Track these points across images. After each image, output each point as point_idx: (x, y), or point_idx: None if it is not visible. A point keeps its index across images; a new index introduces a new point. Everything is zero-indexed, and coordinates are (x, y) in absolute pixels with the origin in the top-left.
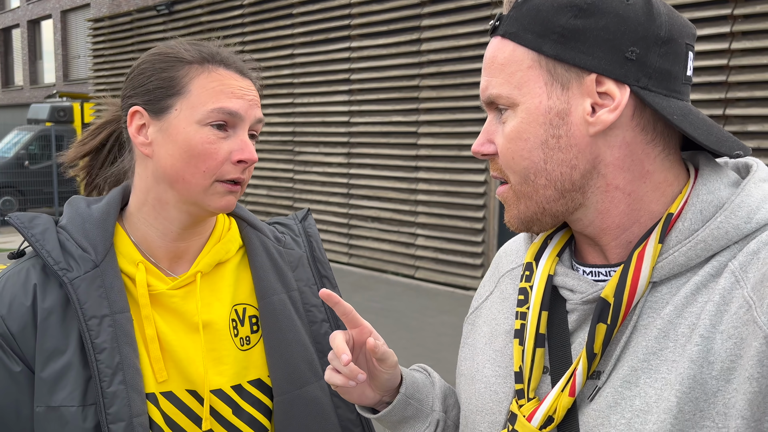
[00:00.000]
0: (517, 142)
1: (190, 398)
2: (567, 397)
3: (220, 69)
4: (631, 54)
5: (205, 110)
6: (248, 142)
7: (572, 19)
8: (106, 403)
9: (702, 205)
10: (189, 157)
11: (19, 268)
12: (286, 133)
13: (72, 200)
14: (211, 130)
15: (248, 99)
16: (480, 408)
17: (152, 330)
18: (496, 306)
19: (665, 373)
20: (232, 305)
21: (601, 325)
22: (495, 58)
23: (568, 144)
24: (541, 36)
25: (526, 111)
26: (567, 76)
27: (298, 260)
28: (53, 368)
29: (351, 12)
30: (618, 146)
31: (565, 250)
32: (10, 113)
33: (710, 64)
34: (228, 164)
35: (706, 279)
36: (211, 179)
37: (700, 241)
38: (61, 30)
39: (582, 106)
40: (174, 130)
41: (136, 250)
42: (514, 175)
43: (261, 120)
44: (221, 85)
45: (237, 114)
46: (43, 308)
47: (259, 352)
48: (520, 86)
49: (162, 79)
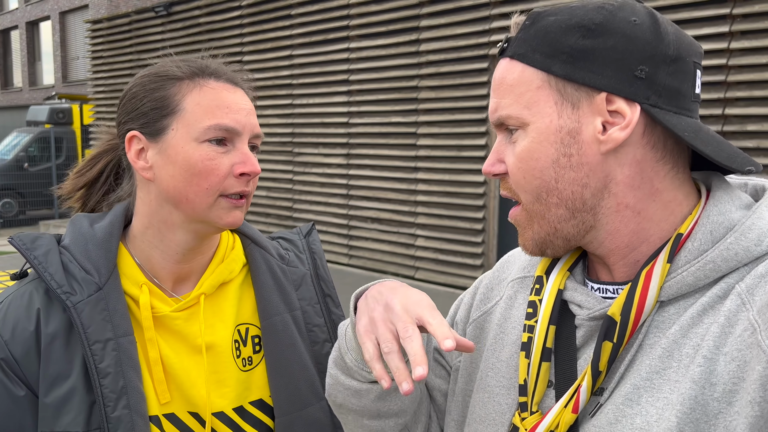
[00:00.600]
0: (528, 161)
1: (192, 420)
2: (570, 414)
3: (211, 82)
4: (640, 72)
5: (201, 127)
6: (249, 154)
7: (581, 39)
8: (110, 427)
9: (712, 225)
10: (190, 176)
11: (22, 291)
12: (285, 134)
13: (75, 219)
14: (209, 146)
15: (243, 112)
16: (483, 418)
17: (155, 353)
18: (503, 313)
19: (667, 393)
20: (234, 325)
21: (607, 343)
22: (504, 79)
23: (580, 162)
24: (550, 56)
25: (536, 131)
26: (577, 95)
27: (302, 278)
28: (57, 393)
29: (350, 13)
30: (628, 164)
31: (578, 265)
32: (9, 115)
33: (709, 64)
34: (231, 178)
35: (713, 300)
36: (215, 195)
37: (709, 262)
38: (59, 31)
39: (593, 125)
40: (173, 151)
41: (140, 271)
42: (525, 194)
43: (259, 134)
44: (215, 100)
45: (233, 129)
46: (47, 333)
47: (262, 372)
48: (530, 106)
49: (155, 100)
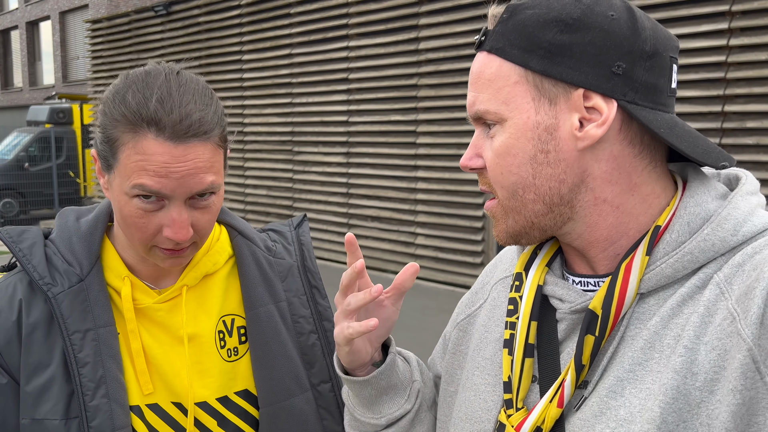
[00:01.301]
0: (506, 157)
1: (175, 410)
2: (555, 408)
3: (148, 138)
4: (617, 69)
5: (129, 184)
6: (178, 219)
7: (558, 34)
8: (88, 416)
9: (689, 217)
10: (125, 224)
11: (6, 283)
12: (284, 133)
13: (62, 213)
14: (139, 203)
15: (176, 175)
16: (468, 416)
17: (138, 344)
18: (487, 314)
19: (650, 384)
20: (219, 317)
21: (589, 336)
22: (482, 73)
23: (557, 159)
24: (528, 51)
25: (514, 126)
26: (554, 91)
27: (288, 270)
28: (37, 382)
29: (349, 11)
30: (606, 160)
31: (555, 259)
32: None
33: (708, 61)
34: (161, 235)
35: (692, 291)
36: (148, 246)
37: (687, 253)
38: (59, 31)
39: (570, 121)
40: (113, 194)
41: (123, 264)
42: (502, 190)
43: (205, 189)
44: (143, 160)
45: (159, 192)
46: (28, 323)
47: (247, 363)
48: (508, 102)
49: (106, 137)
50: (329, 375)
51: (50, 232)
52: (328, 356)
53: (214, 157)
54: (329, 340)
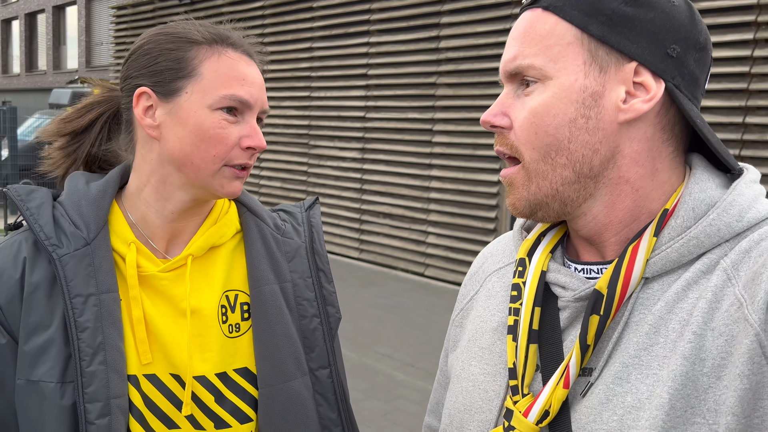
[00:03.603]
0: (544, 117)
1: (173, 382)
2: (561, 390)
3: (229, 51)
4: (672, 51)
5: (217, 95)
6: (257, 129)
7: (623, 5)
8: (84, 382)
9: (694, 203)
10: (200, 141)
11: (12, 241)
12: (301, 126)
13: (72, 176)
14: (222, 115)
15: (257, 86)
16: (468, 406)
17: (139, 311)
18: (482, 304)
19: (656, 369)
20: (222, 291)
21: (595, 316)
22: (532, 28)
23: (596, 127)
24: (589, 15)
25: (559, 86)
26: (607, 59)
27: (296, 251)
28: (35, 342)
29: (371, 7)
30: (638, 139)
31: (558, 247)
32: (33, 97)
33: (732, 71)
34: (237, 149)
35: (696, 275)
36: (220, 164)
37: (692, 238)
38: (85, 16)
39: (616, 92)
40: (184, 114)
41: (130, 230)
42: (532, 151)
43: (267, 110)
44: (232, 71)
45: (246, 102)
46: (31, 282)
47: (248, 341)
48: (556, 60)
49: (171, 60)
50: (328, 360)
51: (59, 194)
52: (328, 342)
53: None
54: (331, 325)
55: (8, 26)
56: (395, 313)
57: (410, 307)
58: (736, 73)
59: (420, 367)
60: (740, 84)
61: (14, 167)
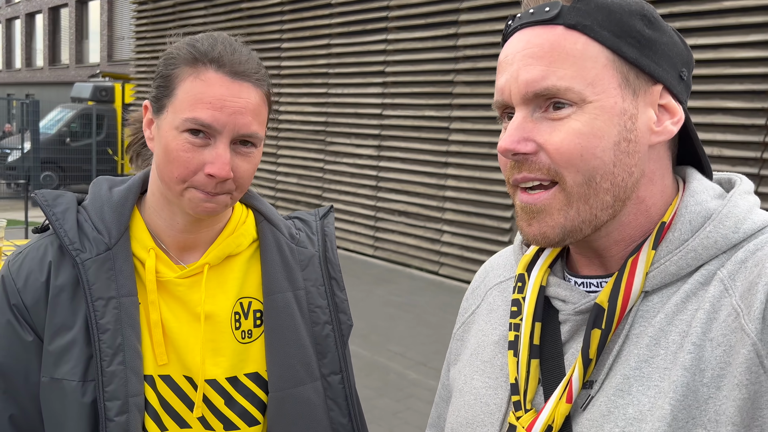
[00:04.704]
0: (591, 139)
1: (186, 384)
2: (564, 404)
3: (209, 71)
4: (683, 74)
5: (181, 117)
6: (222, 156)
7: (645, 27)
8: (104, 381)
9: (691, 215)
10: (167, 161)
11: (38, 244)
12: (318, 123)
13: (96, 182)
14: (188, 138)
15: (229, 110)
16: (470, 420)
17: (156, 315)
18: (483, 318)
19: (658, 381)
20: (237, 298)
21: (596, 330)
22: (561, 47)
23: (635, 150)
24: (619, 37)
25: (600, 109)
26: (637, 82)
27: (309, 259)
28: (59, 343)
29: (389, 4)
30: (654, 160)
31: (557, 261)
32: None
33: (754, 72)
34: (201, 174)
35: (695, 287)
36: (184, 185)
37: (691, 251)
38: (107, 11)
39: (647, 115)
40: (162, 132)
41: (150, 236)
42: (576, 174)
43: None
44: (201, 93)
45: (210, 126)
46: (56, 285)
47: (260, 347)
48: (595, 84)
49: (162, 78)
50: (340, 367)
51: (84, 198)
52: (340, 348)
53: (261, 108)
54: (343, 332)
55: (32, 20)
56: (409, 311)
57: (424, 305)
58: (759, 74)
59: (432, 366)
60: (763, 85)
61: (36, 160)
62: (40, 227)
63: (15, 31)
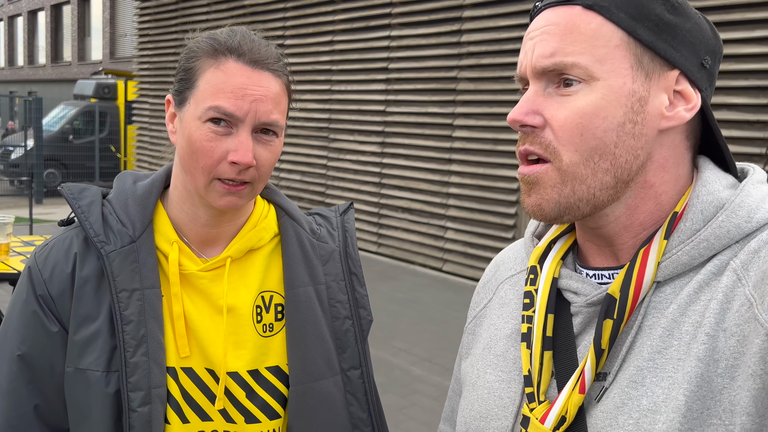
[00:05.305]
0: (593, 118)
1: (207, 376)
2: (577, 395)
3: (229, 61)
4: (705, 62)
5: (204, 107)
6: (245, 143)
7: (666, 12)
8: (128, 372)
9: (702, 205)
10: (191, 152)
11: (64, 236)
12: (321, 120)
13: (120, 176)
14: (210, 127)
15: (250, 98)
16: (484, 414)
17: (179, 307)
18: (496, 312)
19: (671, 372)
20: (258, 292)
21: (608, 320)
22: (576, 26)
23: (641, 133)
24: (636, 19)
25: (608, 88)
26: (652, 65)
27: (330, 254)
28: (84, 333)
29: (392, 0)
30: (667, 146)
31: (569, 254)
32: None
33: (760, 68)
34: (224, 164)
35: (708, 277)
36: (209, 177)
37: (703, 240)
38: (109, 8)
39: (659, 99)
40: (185, 124)
41: (173, 230)
42: (574, 153)
43: (270, 122)
44: (223, 82)
45: (232, 114)
46: (81, 276)
47: (281, 340)
48: (603, 61)
49: (183, 71)
50: (360, 361)
51: (108, 192)
52: (360, 343)
53: (281, 96)
54: (363, 327)
55: (34, 17)
56: (413, 308)
57: (428, 302)
58: (763, 70)
59: (437, 363)
60: (766, 81)
61: (39, 157)
62: (66, 220)
63: (17, 29)
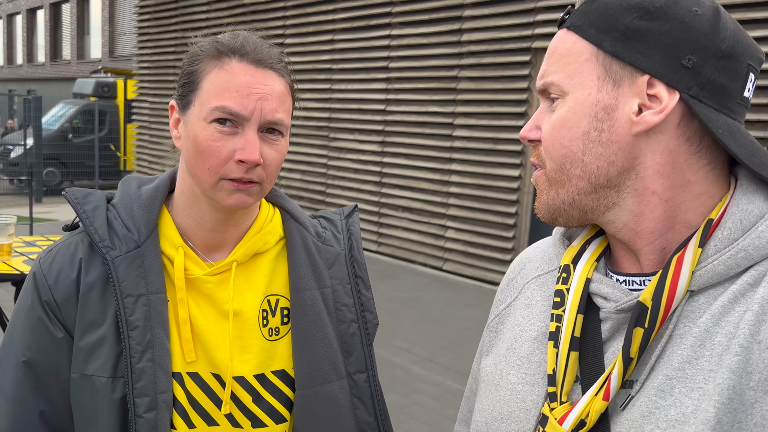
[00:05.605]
0: (560, 129)
1: (214, 381)
2: (601, 402)
3: (233, 62)
4: (687, 62)
5: (209, 108)
6: (252, 141)
7: (637, 20)
8: (134, 377)
9: (742, 214)
10: (197, 153)
11: (69, 242)
12: (322, 119)
13: (125, 180)
14: (216, 127)
15: (255, 96)
16: (505, 415)
17: (185, 312)
18: (521, 312)
19: (702, 383)
20: (264, 296)
21: (639, 329)
22: (557, 48)
23: (609, 140)
24: (604, 32)
25: (574, 100)
26: (621, 73)
27: (336, 258)
28: (90, 339)
29: (393, 0)
30: (660, 152)
31: (601, 258)
32: (57, 86)
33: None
34: (232, 163)
35: (744, 288)
36: (216, 177)
37: (741, 250)
38: (109, 6)
39: (629, 105)
40: (190, 126)
41: (179, 234)
42: (551, 161)
43: (276, 121)
44: (227, 82)
45: (237, 114)
46: (86, 282)
47: (287, 344)
48: (573, 76)
49: (186, 75)
50: (366, 365)
51: (113, 196)
52: (366, 347)
53: (286, 96)
54: (368, 330)
55: (33, 16)
56: (413, 307)
57: (428, 301)
58: (764, 69)
59: (438, 362)
60: (767, 81)
61: (39, 156)
62: (71, 225)
63: (16, 27)
